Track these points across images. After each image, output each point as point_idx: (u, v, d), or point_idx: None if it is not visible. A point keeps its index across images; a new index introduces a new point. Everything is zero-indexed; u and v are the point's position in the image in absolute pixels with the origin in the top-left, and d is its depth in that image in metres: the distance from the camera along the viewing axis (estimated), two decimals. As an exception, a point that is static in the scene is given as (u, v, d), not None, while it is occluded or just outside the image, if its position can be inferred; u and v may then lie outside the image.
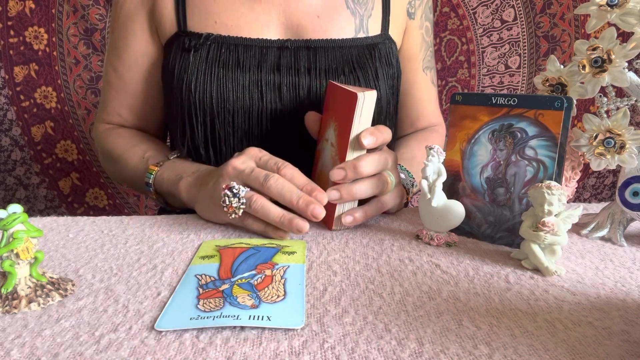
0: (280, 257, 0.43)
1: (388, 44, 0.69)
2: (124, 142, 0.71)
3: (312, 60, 0.63)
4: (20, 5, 1.22)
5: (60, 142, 1.32)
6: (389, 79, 0.67)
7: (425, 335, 0.31)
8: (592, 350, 0.30)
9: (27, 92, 1.28)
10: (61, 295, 0.36)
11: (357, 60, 0.65)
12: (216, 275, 0.39)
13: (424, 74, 0.78)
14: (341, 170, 0.49)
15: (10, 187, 1.33)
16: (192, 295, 0.36)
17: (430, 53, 0.80)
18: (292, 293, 0.36)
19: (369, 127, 0.49)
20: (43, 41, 1.25)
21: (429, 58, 0.79)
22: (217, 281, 0.38)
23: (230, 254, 0.44)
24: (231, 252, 0.44)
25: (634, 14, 0.46)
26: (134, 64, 0.70)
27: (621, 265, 0.44)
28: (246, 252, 0.44)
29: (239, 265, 0.41)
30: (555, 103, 0.44)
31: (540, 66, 1.35)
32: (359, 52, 0.66)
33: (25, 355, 0.29)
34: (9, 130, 1.29)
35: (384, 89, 0.66)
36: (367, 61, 0.65)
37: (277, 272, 0.40)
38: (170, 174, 0.61)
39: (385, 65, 0.67)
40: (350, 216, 0.51)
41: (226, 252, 0.44)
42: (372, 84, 0.65)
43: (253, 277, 0.39)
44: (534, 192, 0.42)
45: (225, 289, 0.36)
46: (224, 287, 0.37)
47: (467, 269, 0.42)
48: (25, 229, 0.35)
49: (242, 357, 0.29)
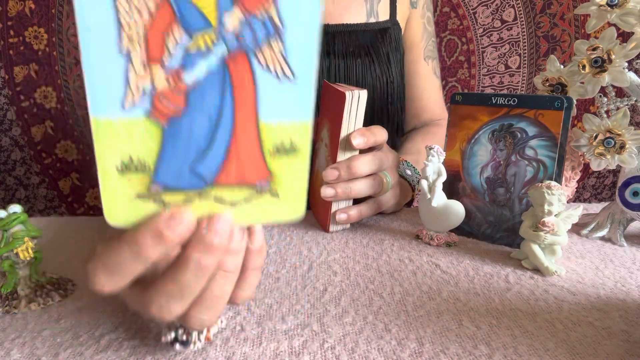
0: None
1: (396, 29, 0.72)
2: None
3: (330, 44, 0.65)
4: (20, 5, 1.22)
5: (60, 142, 1.32)
6: (398, 64, 0.69)
7: (425, 335, 0.31)
8: (592, 350, 0.30)
9: (27, 92, 1.28)
10: (61, 295, 0.36)
11: (372, 44, 0.68)
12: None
13: (425, 63, 0.79)
14: (334, 170, 0.48)
15: (10, 187, 1.33)
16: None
17: (432, 42, 0.80)
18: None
19: (360, 128, 0.49)
20: (43, 41, 1.25)
21: (430, 47, 0.80)
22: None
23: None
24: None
25: (634, 14, 0.46)
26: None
27: (621, 265, 0.44)
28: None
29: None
30: (555, 103, 0.44)
31: (540, 66, 1.35)
32: (372, 37, 0.68)
33: (25, 355, 0.29)
34: (9, 130, 1.29)
35: (395, 73, 0.68)
36: (380, 45, 0.68)
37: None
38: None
39: (394, 50, 0.69)
40: (344, 214, 0.50)
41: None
42: (384, 68, 0.67)
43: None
44: (534, 192, 0.42)
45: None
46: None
47: (467, 269, 0.42)
48: (25, 229, 0.35)
49: (242, 357, 0.29)
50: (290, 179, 0.25)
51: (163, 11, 0.21)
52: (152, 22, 0.21)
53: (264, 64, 0.23)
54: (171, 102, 0.22)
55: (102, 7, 0.20)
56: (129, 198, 0.23)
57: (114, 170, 0.22)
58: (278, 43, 0.22)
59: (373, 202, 0.52)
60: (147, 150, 0.23)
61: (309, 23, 0.22)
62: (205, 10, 0.21)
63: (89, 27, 0.20)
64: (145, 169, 0.23)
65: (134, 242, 0.23)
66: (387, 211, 0.57)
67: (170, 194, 0.24)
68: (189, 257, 0.23)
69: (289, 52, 0.23)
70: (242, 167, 0.24)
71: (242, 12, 0.22)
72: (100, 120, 0.22)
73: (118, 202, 0.23)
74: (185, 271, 0.23)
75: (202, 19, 0.22)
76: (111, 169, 0.22)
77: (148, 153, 0.23)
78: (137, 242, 0.23)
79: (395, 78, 0.69)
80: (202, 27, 0.22)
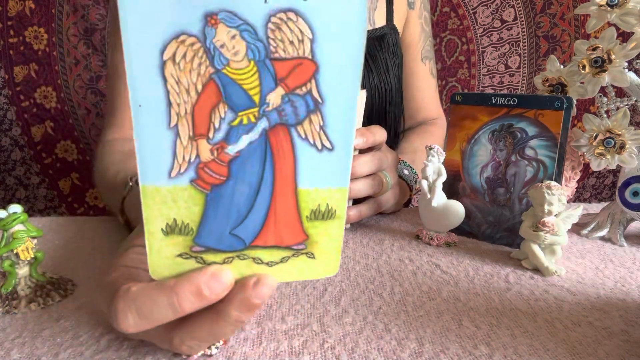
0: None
1: (393, 34, 0.71)
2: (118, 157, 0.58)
3: None
4: (20, 5, 1.22)
5: (60, 142, 1.32)
6: (396, 69, 0.69)
7: (425, 335, 0.31)
8: (592, 350, 0.30)
9: (27, 92, 1.28)
10: (61, 295, 0.36)
11: (370, 53, 0.67)
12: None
13: (422, 63, 0.79)
14: None
15: (10, 187, 1.33)
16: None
17: (429, 43, 0.80)
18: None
19: (360, 128, 0.49)
20: (43, 41, 1.25)
21: (427, 48, 0.80)
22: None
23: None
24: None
25: (634, 14, 0.46)
26: None
27: (621, 265, 0.44)
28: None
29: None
30: (555, 103, 0.44)
31: (540, 66, 1.35)
32: (370, 44, 0.68)
33: (25, 355, 0.29)
34: (9, 130, 1.29)
35: (393, 80, 0.67)
36: (378, 54, 0.67)
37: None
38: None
39: (392, 55, 0.69)
40: None
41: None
42: (382, 77, 0.66)
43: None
44: (534, 192, 0.42)
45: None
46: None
47: (467, 269, 0.42)
48: (25, 229, 0.35)
49: (242, 357, 0.29)
50: (326, 240, 0.26)
51: (209, 90, 0.22)
52: (198, 100, 0.22)
53: (303, 136, 0.24)
54: (214, 171, 0.24)
55: (153, 87, 0.22)
56: (172, 257, 0.25)
57: (159, 232, 0.24)
58: (317, 116, 0.24)
59: (373, 202, 0.52)
60: (191, 214, 0.24)
61: (347, 97, 0.23)
62: (250, 91, 0.23)
63: (141, 104, 0.22)
64: (188, 231, 0.24)
65: (173, 293, 0.23)
66: (386, 211, 0.57)
67: (210, 254, 0.25)
68: (229, 313, 0.24)
69: (328, 124, 0.24)
70: (280, 231, 0.25)
71: (284, 90, 0.23)
72: (148, 188, 0.23)
73: (162, 261, 0.25)
74: (223, 325, 0.25)
75: (247, 98, 0.23)
76: (157, 231, 0.24)
77: (191, 217, 0.24)
78: (176, 293, 0.23)
79: (394, 85, 0.68)
80: (247, 105, 0.23)
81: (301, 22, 0.22)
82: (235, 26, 0.22)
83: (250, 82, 0.23)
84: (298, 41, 0.22)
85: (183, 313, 0.24)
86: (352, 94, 0.23)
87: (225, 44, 0.22)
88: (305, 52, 0.22)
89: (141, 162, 0.23)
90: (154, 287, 0.24)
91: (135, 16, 0.21)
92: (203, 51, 0.22)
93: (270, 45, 0.22)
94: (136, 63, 0.21)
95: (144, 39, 0.21)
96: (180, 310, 0.24)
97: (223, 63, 0.22)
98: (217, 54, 0.22)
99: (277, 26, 0.22)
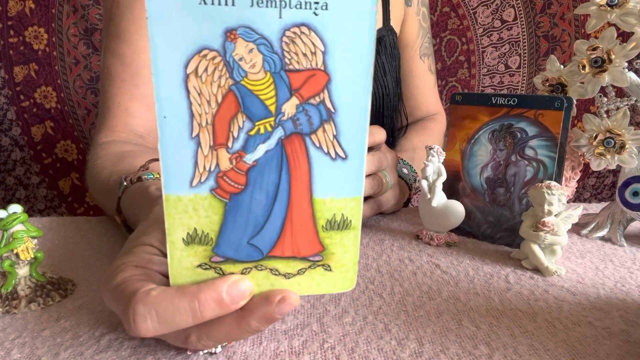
0: None
1: (390, 35, 0.70)
2: (114, 158, 0.55)
3: None
4: (20, 5, 1.22)
5: (60, 142, 1.32)
6: (394, 72, 0.68)
7: (425, 335, 0.31)
8: (592, 350, 0.30)
9: (27, 92, 1.28)
10: (61, 295, 0.36)
11: None
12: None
13: (421, 61, 0.79)
14: None
15: (10, 187, 1.33)
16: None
17: (427, 39, 0.80)
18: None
19: None
20: (43, 41, 1.25)
21: (426, 45, 0.79)
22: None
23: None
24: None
25: (634, 14, 0.46)
26: (146, 46, 0.62)
27: (621, 265, 0.44)
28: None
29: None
30: (555, 103, 0.44)
31: (540, 66, 1.35)
32: None
33: (25, 355, 0.29)
34: (9, 130, 1.29)
35: (390, 83, 0.67)
36: (375, 58, 0.67)
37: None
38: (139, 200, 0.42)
39: (389, 58, 0.68)
40: None
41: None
42: (380, 81, 0.66)
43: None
44: (534, 192, 0.42)
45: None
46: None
47: (467, 269, 0.42)
48: (25, 229, 0.35)
49: (242, 356, 0.29)
50: (343, 252, 0.26)
51: (229, 101, 0.24)
52: (219, 111, 0.24)
53: (318, 144, 0.25)
54: (233, 180, 0.25)
55: (177, 99, 0.23)
56: (193, 267, 0.25)
57: (180, 242, 0.25)
58: (331, 125, 0.24)
59: (373, 203, 0.53)
60: (210, 224, 0.25)
61: (359, 106, 0.24)
62: (266, 101, 0.24)
63: (165, 116, 0.23)
64: (208, 241, 0.25)
65: (195, 299, 0.24)
66: (386, 211, 0.57)
67: (229, 265, 0.26)
68: (249, 323, 0.25)
69: (341, 133, 0.25)
70: (297, 241, 0.26)
71: (298, 100, 0.24)
72: (171, 197, 0.24)
73: (182, 271, 0.25)
74: (242, 333, 0.25)
75: (264, 109, 0.24)
76: (178, 241, 0.25)
77: (211, 226, 0.25)
78: (199, 299, 0.24)
79: (391, 89, 0.67)
80: (264, 115, 0.24)
81: (313, 35, 0.23)
82: (252, 40, 0.23)
83: (267, 93, 0.24)
84: (311, 53, 0.23)
85: (203, 320, 0.24)
86: (364, 104, 0.24)
87: (244, 57, 0.23)
88: (317, 63, 0.23)
89: (165, 171, 0.24)
90: (176, 293, 0.24)
91: (163, 33, 0.22)
92: (223, 64, 0.23)
93: (285, 57, 0.23)
94: (162, 76, 0.22)
95: (170, 54, 0.22)
96: (200, 316, 0.24)
97: (242, 75, 0.23)
98: (236, 67, 0.23)
99: (291, 39, 0.23)
